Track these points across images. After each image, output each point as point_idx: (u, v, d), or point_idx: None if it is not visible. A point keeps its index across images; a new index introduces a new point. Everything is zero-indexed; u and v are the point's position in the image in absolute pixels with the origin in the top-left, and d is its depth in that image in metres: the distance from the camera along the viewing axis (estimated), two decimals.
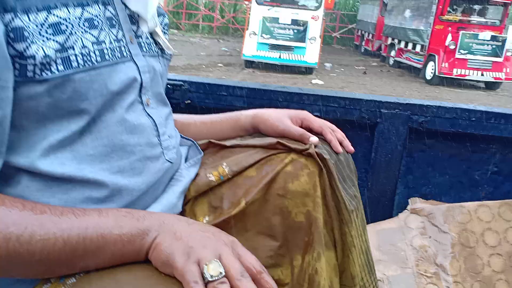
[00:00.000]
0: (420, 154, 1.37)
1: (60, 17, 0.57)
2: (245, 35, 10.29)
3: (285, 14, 9.99)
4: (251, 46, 9.99)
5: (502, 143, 1.32)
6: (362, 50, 16.19)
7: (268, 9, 10.27)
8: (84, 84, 0.59)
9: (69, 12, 0.59)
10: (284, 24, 9.83)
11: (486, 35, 9.94)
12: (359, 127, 1.33)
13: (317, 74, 10.32)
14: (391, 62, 13.10)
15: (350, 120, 1.31)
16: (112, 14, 0.66)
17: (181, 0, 18.20)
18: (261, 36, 9.92)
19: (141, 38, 0.72)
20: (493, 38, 9.94)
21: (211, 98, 1.33)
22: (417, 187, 1.42)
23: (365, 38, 16.12)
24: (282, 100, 1.31)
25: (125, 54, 0.66)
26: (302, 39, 9.87)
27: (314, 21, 10.16)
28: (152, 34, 0.75)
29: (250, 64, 10.38)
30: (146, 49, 0.72)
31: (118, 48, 0.65)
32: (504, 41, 10.01)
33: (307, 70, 10.28)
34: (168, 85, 1.26)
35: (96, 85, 0.60)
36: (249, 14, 10.72)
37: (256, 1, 10.44)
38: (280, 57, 9.95)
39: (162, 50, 0.77)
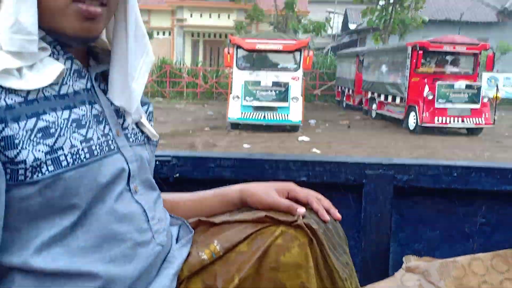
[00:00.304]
0: (409, 211, 1.38)
1: (49, 121, 0.60)
2: (229, 98, 10.54)
3: (266, 77, 10.34)
4: (236, 109, 10.21)
5: (486, 196, 1.34)
6: (344, 105, 16.62)
7: (249, 73, 10.63)
8: (74, 181, 0.61)
9: (57, 115, 0.62)
10: (266, 86, 10.14)
11: (461, 84, 10.33)
12: (346, 189, 1.34)
13: (303, 131, 10.48)
14: (374, 115, 13.43)
15: (336, 182, 1.33)
16: (98, 111, 0.70)
17: (165, 69, 18.73)
18: (244, 99, 10.18)
19: (128, 129, 0.75)
20: (468, 86, 10.33)
21: (199, 170, 1.34)
22: (410, 244, 1.42)
23: (345, 94, 16.61)
24: (268, 168, 1.33)
25: (112, 147, 0.69)
26: (285, 99, 10.15)
27: (294, 81, 10.51)
28: (138, 123, 0.79)
29: (236, 126, 10.55)
30: (132, 139, 0.75)
31: (105, 143, 0.68)
32: (479, 88, 10.41)
33: (293, 128, 10.47)
34: (156, 161, 1.28)
35: (86, 180, 0.62)
36: (231, 78, 11.06)
37: (237, 67, 10.83)
38: (264, 117, 10.17)
39: (148, 137, 0.81)
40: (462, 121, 10.27)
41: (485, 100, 10.49)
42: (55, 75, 0.62)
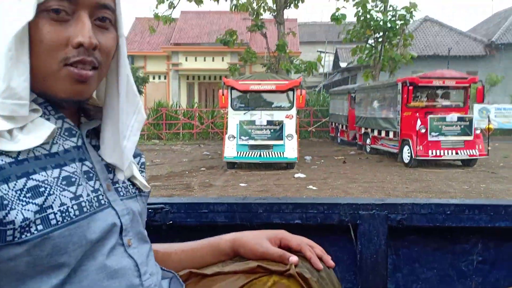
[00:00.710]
0: (405, 251, 1.37)
1: (39, 181, 0.61)
2: (225, 138, 10.61)
3: (261, 117, 10.50)
4: (231, 149, 10.26)
5: (481, 233, 1.33)
6: (339, 141, 16.73)
7: (244, 113, 10.79)
8: (63, 239, 0.60)
9: (47, 174, 0.62)
10: (261, 125, 10.26)
11: (453, 116, 10.47)
12: (341, 230, 1.34)
13: (299, 168, 10.49)
14: (368, 149, 13.50)
15: (330, 224, 1.33)
16: (89, 167, 0.71)
17: (161, 112, 18.92)
18: (240, 138, 10.26)
19: (118, 183, 0.75)
20: (460, 118, 10.46)
21: (193, 216, 1.34)
22: (408, 284, 1.40)
23: (339, 130, 16.77)
24: (262, 211, 1.33)
25: (103, 202, 0.70)
26: (280, 137, 10.24)
27: (288, 119, 10.66)
28: (130, 178, 0.79)
29: (232, 165, 10.57)
30: (123, 193, 0.75)
31: (96, 198, 0.68)
32: (471, 120, 10.54)
33: (288, 165, 10.49)
34: (149, 209, 1.28)
35: (75, 237, 0.62)
36: (227, 118, 11.18)
37: (231, 107, 10.98)
38: (260, 155, 10.21)
39: (139, 189, 0.81)
40: (456, 153, 10.33)
41: (478, 131, 10.60)
42: (45, 135, 0.63)
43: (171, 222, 1.33)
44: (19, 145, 0.60)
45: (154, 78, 24.03)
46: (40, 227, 0.58)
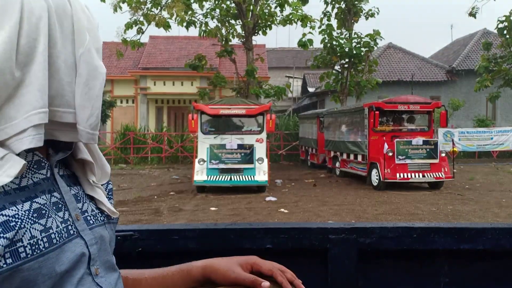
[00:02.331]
0: (375, 274, 1.38)
1: (9, 215, 0.58)
2: (195, 162, 10.54)
3: (231, 141, 10.51)
4: (201, 173, 10.20)
5: (446, 255, 1.36)
6: (309, 164, 16.93)
7: (214, 137, 10.78)
8: (33, 271, 0.59)
9: (17, 208, 0.60)
10: (231, 149, 10.26)
11: (418, 140, 10.79)
12: (311, 254, 1.35)
13: (270, 191, 10.50)
14: (338, 172, 13.69)
15: (301, 248, 1.34)
16: (57, 198, 0.69)
17: (128, 136, 18.65)
18: (210, 162, 10.22)
19: (87, 212, 0.74)
20: (425, 142, 10.79)
21: (163, 243, 1.30)
22: None
23: (309, 153, 16.98)
24: (233, 236, 1.32)
25: (72, 232, 0.68)
26: (250, 161, 10.26)
27: (259, 143, 10.73)
28: (97, 203, 0.77)
29: (202, 189, 10.49)
30: (92, 221, 0.74)
31: (65, 229, 0.67)
32: (436, 144, 10.89)
33: (259, 189, 10.50)
34: (118, 237, 1.23)
35: (45, 270, 0.60)
36: (197, 142, 11.12)
37: (201, 131, 10.96)
38: (231, 179, 10.18)
39: (108, 216, 0.79)
40: (423, 175, 10.60)
41: (443, 154, 10.95)
42: (16, 172, 0.60)
43: (140, 249, 1.29)
44: None
45: (121, 102, 23.79)
46: (9, 260, 0.57)
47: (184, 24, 14.61)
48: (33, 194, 0.64)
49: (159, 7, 14.90)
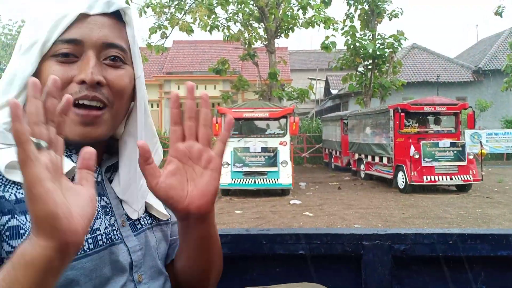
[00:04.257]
0: (409, 281, 1.36)
1: None
2: None
3: (255, 144, 10.52)
4: (226, 175, 10.23)
5: (483, 262, 1.33)
6: (333, 167, 16.77)
7: (238, 140, 10.81)
8: (75, 271, 0.60)
9: None
10: (255, 152, 10.27)
11: (445, 142, 10.57)
12: (345, 261, 1.33)
13: (294, 194, 10.46)
14: (363, 175, 13.53)
15: (334, 254, 1.32)
16: (106, 202, 0.71)
17: None
18: (234, 165, 10.26)
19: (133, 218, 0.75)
20: (453, 144, 10.56)
21: None
22: None
23: (333, 156, 16.83)
24: (266, 242, 1.32)
25: (117, 237, 0.70)
26: (274, 164, 10.24)
27: (282, 146, 10.70)
28: (147, 207, 0.78)
29: (226, 192, 10.54)
30: (140, 226, 0.75)
31: (111, 233, 0.69)
32: (463, 146, 10.64)
33: (284, 192, 10.47)
34: None
35: (87, 271, 0.62)
36: None
37: None
38: (255, 182, 10.19)
39: (157, 219, 0.80)
40: (451, 178, 10.38)
41: (471, 156, 10.69)
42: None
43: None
44: None
45: None
46: None
47: (208, 28, 14.72)
48: None
49: (182, 12, 15.06)
